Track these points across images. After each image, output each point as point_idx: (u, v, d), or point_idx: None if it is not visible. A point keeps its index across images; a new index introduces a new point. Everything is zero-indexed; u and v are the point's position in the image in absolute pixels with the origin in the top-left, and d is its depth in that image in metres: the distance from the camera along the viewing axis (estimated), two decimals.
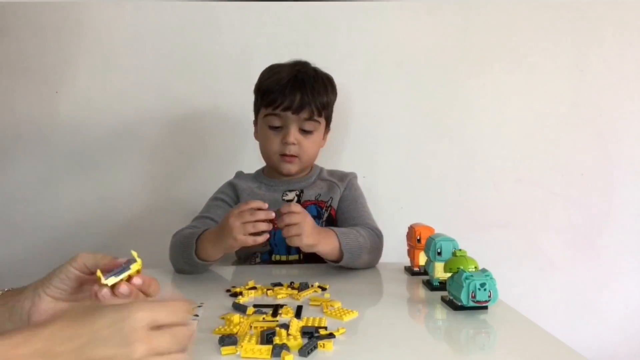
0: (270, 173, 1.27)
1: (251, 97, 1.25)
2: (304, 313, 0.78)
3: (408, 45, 1.58)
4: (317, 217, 1.22)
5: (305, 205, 1.20)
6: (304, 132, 1.18)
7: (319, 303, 0.83)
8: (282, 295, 0.87)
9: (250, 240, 0.92)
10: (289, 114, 1.15)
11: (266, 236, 0.92)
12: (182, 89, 1.55)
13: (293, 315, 0.77)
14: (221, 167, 1.54)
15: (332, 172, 1.32)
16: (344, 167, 1.56)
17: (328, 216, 1.24)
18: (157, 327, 0.47)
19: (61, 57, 1.52)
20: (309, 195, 1.22)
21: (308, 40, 1.55)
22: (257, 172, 1.30)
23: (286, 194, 1.21)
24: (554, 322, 0.94)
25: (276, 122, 1.17)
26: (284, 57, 1.26)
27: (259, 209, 0.92)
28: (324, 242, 0.98)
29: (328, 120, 1.25)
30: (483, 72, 1.60)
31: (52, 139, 1.54)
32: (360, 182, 1.58)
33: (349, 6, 1.55)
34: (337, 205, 1.23)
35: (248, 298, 0.87)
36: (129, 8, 1.52)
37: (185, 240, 1.03)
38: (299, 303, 0.84)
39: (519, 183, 1.63)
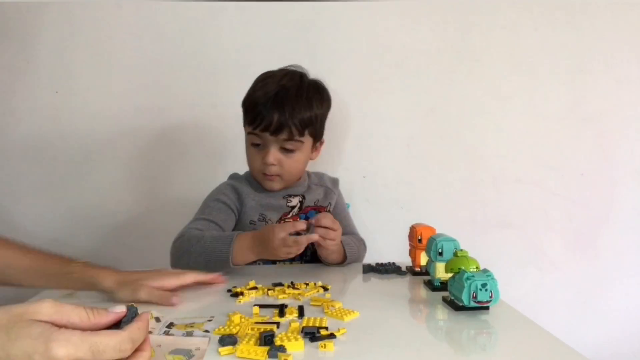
0: None
1: None
2: (305, 313, 0.78)
3: (408, 45, 1.58)
4: None
5: (306, 210, 1.21)
6: (286, 150, 1.14)
7: (319, 303, 0.83)
8: (284, 296, 0.87)
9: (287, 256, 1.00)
10: (267, 134, 1.11)
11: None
12: (182, 89, 1.55)
13: (297, 315, 0.77)
14: (220, 168, 1.54)
15: (319, 176, 1.30)
16: (345, 167, 1.56)
17: None
18: None
19: (61, 57, 1.52)
20: (309, 200, 1.22)
21: (308, 40, 1.55)
22: (247, 175, 1.25)
23: (290, 200, 1.20)
24: (554, 322, 0.94)
25: (257, 140, 1.14)
26: (284, 57, 1.25)
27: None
28: (339, 250, 1.11)
29: (316, 136, 1.19)
30: (483, 72, 1.60)
31: (52, 138, 1.53)
32: (361, 182, 1.59)
33: (349, 6, 1.55)
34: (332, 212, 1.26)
35: (249, 298, 0.87)
36: (129, 8, 1.52)
37: (210, 245, 1.02)
38: (300, 303, 0.84)
39: (519, 183, 1.63)
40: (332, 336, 0.68)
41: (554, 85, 1.61)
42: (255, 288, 0.91)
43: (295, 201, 1.20)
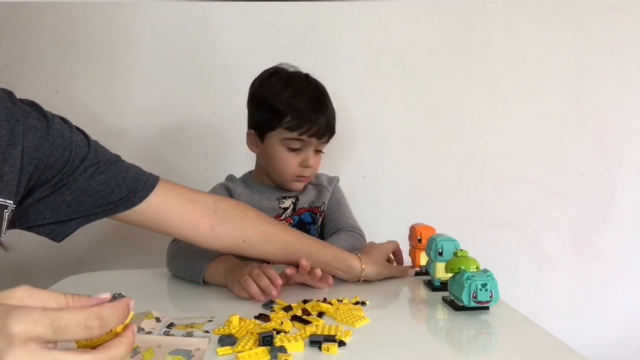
0: (261, 179, 1.21)
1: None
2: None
3: (408, 45, 1.58)
4: (312, 223, 1.21)
5: (300, 212, 1.20)
6: (316, 152, 1.16)
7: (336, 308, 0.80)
8: (318, 309, 0.80)
9: (244, 295, 0.88)
10: (313, 139, 1.11)
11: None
12: (182, 89, 1.55)
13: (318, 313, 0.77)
14: (220, 168, 1.54)
15: (317, 176, 1.28)
16: (345, 167, 1.56)
17: (321, 221, 1.23)
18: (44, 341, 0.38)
19: (61, 57, 1.52)
20: (303, 202, 1.21)
21: (308, 40, 1.55)
22: (246, 177, 1.24)
23: (282, 201, 1.19)
24: (554, 322, 0.94)
25: (296, 145, 1.12)
26: (284, 57, 1.25)
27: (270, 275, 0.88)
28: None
29: None
30: (483, 72, 1.60)
31: None
32: (361, 182, 1.59)
33: (349, 6, 1.55)
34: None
35: (282, 318, 0.76)
36: (129, 8, 1.52)
37: (192, 262, 0.99)
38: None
39: (519, 183, 1.63)
40: (341, 343, 0.66)
41: (554, 85, 1.61)
42: (289, 308, 0.81)
43: (288, 203, 1.19)
